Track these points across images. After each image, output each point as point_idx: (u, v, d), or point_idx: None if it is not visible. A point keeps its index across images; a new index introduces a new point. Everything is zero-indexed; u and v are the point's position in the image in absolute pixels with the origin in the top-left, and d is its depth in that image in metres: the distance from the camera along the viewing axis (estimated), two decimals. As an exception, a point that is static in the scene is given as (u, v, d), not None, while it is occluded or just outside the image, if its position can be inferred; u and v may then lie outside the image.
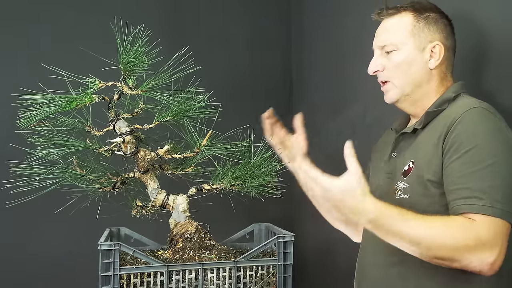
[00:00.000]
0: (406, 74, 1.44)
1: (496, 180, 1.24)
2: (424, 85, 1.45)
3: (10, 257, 2.25)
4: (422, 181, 1.34)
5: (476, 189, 1.23)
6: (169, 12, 2.56)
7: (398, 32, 1.45)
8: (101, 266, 1.46)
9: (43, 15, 2.35)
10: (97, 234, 1.61)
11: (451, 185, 1.28)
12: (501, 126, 1.31)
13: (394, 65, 1.45)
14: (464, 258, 1.19)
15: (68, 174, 1.59)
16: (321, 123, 2.54)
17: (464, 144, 1.27)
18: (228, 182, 1.65)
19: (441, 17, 1.47)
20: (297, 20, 2.77)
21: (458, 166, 1.27)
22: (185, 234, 1.60)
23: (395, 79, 1.46)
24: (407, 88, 1.45)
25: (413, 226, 1.22)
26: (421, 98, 1.46)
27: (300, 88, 2.74)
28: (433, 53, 1.44)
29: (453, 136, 1.29)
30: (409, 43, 1.44)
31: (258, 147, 1.71)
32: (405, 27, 1.45)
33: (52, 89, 1.51)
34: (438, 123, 1.38)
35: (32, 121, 1.52)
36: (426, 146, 1.37)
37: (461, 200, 1.24)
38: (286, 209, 2.60)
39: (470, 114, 1.30)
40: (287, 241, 1.59)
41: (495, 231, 1.20)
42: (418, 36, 1.44)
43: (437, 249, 1.20)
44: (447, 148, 1.30)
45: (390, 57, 1.46)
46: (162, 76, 1.56)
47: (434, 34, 1.44)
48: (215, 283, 1.51)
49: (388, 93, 1.49)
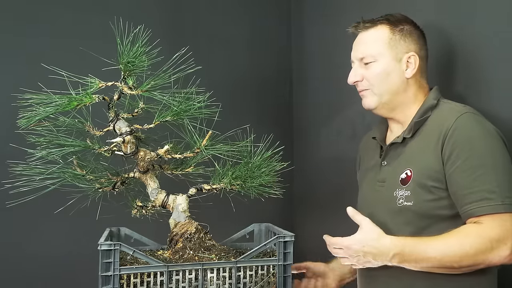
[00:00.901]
0: (384, 83, 1.55)
1: (501, 178, 1.34)
2: (401, 93, 1.55)
3: (10, 257, 2.25)
4: (427, 188, 1.43)
5: (486, 190, 1.33)
6: (169, 12, 2.56)
7: (376, 45, 1.55)
8: (101, 266, 1.45)
9: (43, 15, 2.35)
10: (97, 234, 1.61)
11: (459, 192, 1.38)
12: (487, 125, 1.42)
13: (373, 75, 1.55)
14: (486, 260, 1.32)
15: (68, 174, 1.58)
16: (321, 123, 2.54)
17: (463, 151, 1.38)
18: (228, 182, 1.65)
19: (415, 28, 1.58)
20: (297, 20, 2.77)
21: (461, 174, 1.37)
22: (185, 234, 1.59)
23: (374, 88, 1.56)
24: (385, 96, 1.55)
25: (434, 248, 1.34)
26: (399, 104, 1.56)
27: (300, 88, 2.74)
28: (409, 63, 1.55)
29: (450, 144, 1.39)
30: (387, 55, 1.54)
31: (258, 147, 1.71)
32: (382, 40, 1.55)
33: (52, 89, 1.51)
34: (428, 130, 1.48)
35: (32, 121, 1.51)
36: (423, 154, 1.46)
37: (472, 205, 1.35)
38: (286, 209, 2.61)
39: (462, 120, 1.41)
40: (287, 241, 1.58)
41: (505, 226, 1.31)
42: (395, 47, 1.54)
43: (461, 261, 1.32)
44: (447, 156, 1.40)
45: (369, 68, 1.56)
46: (162, 76, 1.55)
47: (409, 45, 1.55)
48: (215, 283, 1.51)
49: (367, 99, 1.59)
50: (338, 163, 2.34)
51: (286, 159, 1.76)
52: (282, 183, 1.71)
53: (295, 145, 2.70)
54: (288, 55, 2.80)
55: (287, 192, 1.78)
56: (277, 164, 1.70)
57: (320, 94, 2.58)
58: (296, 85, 2.77)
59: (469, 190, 1.36)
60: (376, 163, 1.62)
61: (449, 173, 1.39)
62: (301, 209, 2.66)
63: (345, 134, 2.33)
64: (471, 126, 1.41)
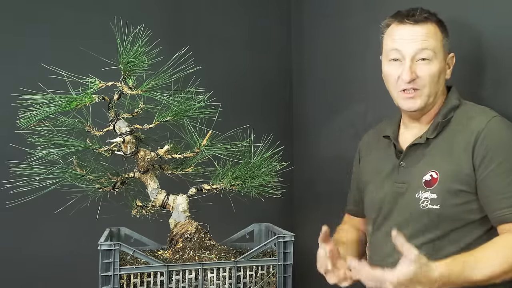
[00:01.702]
0: (436, 84, 1.47)
1: None
2: (441, 95, 1.50)
3: (10, 257, 2.25)
4: (454, 192, 1.39)
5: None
6: (169, 12, 2.56)
7: (435, 42, 1.46)
8: (101, 266, 1.46)
9: (43, 15, 2.35)
10: (97, 234, 1.61)
11: (492, 197, 1.34)
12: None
13: (430, 74, 1.45)
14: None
15: (68, 174, 1.59)
16: (321, 123, 2.54)
17: (496, 155, 1.34)
18: (228, 182, 1.65)
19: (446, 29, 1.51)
20: (297, 21, 2.77)
21: (495, 178, 1.34)
22: (185, 234, 1.60)
23: (426, 88, 1.46)
24: (431, 98, 1.48)
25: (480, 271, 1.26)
26: (431, 105, 1.50)
27: (300, 88, 2.74)
28: (449, 64, 1.50)
29: (483, 147, 1.36)
30: (441, 55, 1.47)
31: (258, 147, 1.71)
32: (438, 38, 1.47)
33: (52, 89, 1.51)
34: (452, 131, 1.44)
35: (32, 121, 1.52)
36: (450, 156, 1.41)
37: (504, 210, 1.32)
38: (286, 209, 2.60)
39: (494, 123, 1.38)
40: (287, 241, 1.59)
41: None
42: (445, 48, 1.48)
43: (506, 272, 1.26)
44: (479, 160, 1.36)
45: (426, 65, 1.45)
46: (162, 76, 1.56)
47: (450, 46, 1.49)
48: (215, 283, 1.51)
49: (416, 101, 1.48)
50: (338, 163, 2.34)
51: (286, 159, 1.77)
52: (282, 183, 1.71)
53: (295, 145, 2.70)
54: (288, 55, 2.80)
55: (287, 192, 1.78)
56: (277, 164, 1.70)
57: (320, 94, 2.58)
58: (296, 85, 2.77)
59: (503, 195, 1.33)
60: (391, 163, 1.54)
61: (482, 177, 1.36)
62: (301, 209, 2.66)
63: (345, 134, 2.33)
64: (504, 130, 1.38)
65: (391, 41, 1.49)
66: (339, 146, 2.37)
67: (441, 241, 1.40)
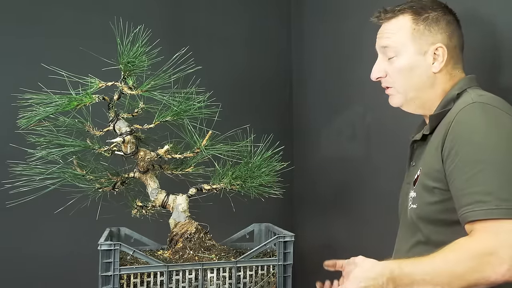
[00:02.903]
0: (408, 79, 1.39)
1: (501, 178, 1.14)
2: (428, 88, 1.38)
3: (10, 257, 2.25)
4: (429, 189, 1.29)
5: (480, 192, 1.15)
6: (169, 12, 2.56)
7: (397, 37, 1.39)
8: (101, 266, 1.46)
9: (43, 15, 2.35)
10: (97, 234, 1.61)
11: (457, 192, 1.20)
12: (501, 115, 1.21)
13: (396, 71, 1.40)
14: (481, 280, 1.11)
15: (68, 174, 1.59)
16: (321, 123, 2.55)
17: (461, 145, 1.20)
18: (228, 182, 1.65)
19: (443, 13, 1.39)
20: (297, 21, 2.77)
21: (459, 171, 1.19)
22: (185, 234, 1.60)
23: (397, 85, 1.40)
24: (410, 93, 1.40)
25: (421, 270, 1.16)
26: (428, 100, 1.40)
27: (300, 88, 2.74)
28: (436, 56, 1.36)
29: (450, 139, 1.22)
30: (409, 48, 1.37)
31: (258, 147, 1.71)
32: (404, 31, 1.38)
33: (52, 89, 1.51)
34: (441, 126, 1.31)
35: (32, 121, 1.52)
36: (429, 152, 1.32)
37: (466, 208, 1.16)
38: (286, 209, 2.60)
39: (464, 111, 1.23)
40: (287, 241, 1.58)
41: (501, 235, 1.11)
42: (418, 39, 1.37)
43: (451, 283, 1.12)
44: (446, 152, 1.23)
45: (392, 63, 1.41)
46: (162, 76, 1.56)
47: (435, 36, 1.37)
48: (215, 283, 1.51)
49: (393, 98, 1.44)
50: (338, 163, 2.34)
51: (286, 159, 1.77)
52: (282, 183, 1.71)
53: (295, 145, 2.70)
54: (288, 55, 2.80)
55: (287, 192, 1.78)
56: (277, 164, 1.70)
57: (320, 94, 2.58)
58: (296, 85, 2.77)
59: (462, 191, 1.17)
60: (407, 164, 1.48)
61: (448, 172, 1.22)
62: (301, 209, 2.66)
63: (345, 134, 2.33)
64: (474, 116, 1.21)
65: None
66: (339, 146, 2.37)
67: (426, 245, 1.30)
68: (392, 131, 1.96)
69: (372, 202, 2.09)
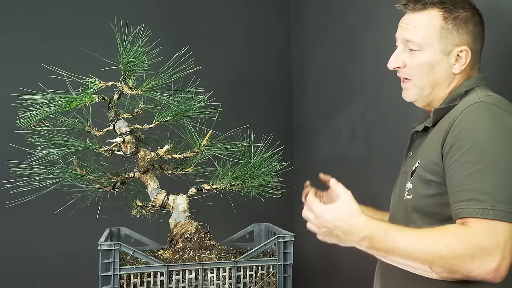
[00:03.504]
0: (427, 76, 1.37)
1: (500, 180, 1.15)
2: (445, 87, 1.37)
3: (10, 257, 2.25)
4: (426, 181, 1.29)
5: (477, 190, 1.16)
6: (169, 12, 2.56)
7: (424, 32, 1.36)
8: (101, 266, 1.46)
9: (43, 15, 2.35)
10: (97, 234, 1.61)
11: (453, 187, 1.21)
12: (507, 121, 1.22)
13: (416, 65, 1.37)
14: (462, 269, 1.13)
15: (68, 174, 1.59)
16: (321, 123, 2.55)
17: (465, 142, 1.20)
18: (228, 182, 1.65)
19: (472, 15, 1.37)
20: (297, 21, 2.77)
21: (459, 167, 1.20)
22: (185, 234, 1.60)
23: (415, 79, 1.38)
24: (426, 90, 1.38)
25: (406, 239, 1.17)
26: (442, 98, 1.39)
27: (300, 88, 2.75)
28: (459, 58, 1.35)
29: (453, 134, 1.23)
30: (435, 45, 1.35)
31: (258, 147, 1.71)
32: (432, 28, 1.35)
33: (52, 89, 1.51)
34: (444, 120, 1.31)
35: (32, 121, 1.52)
36: (430, 145, 1.31)
37: (461, 204, 1.17)
38: (286, 209, 2.60)
39: (471, 110, 1.23)
40: (287, 241, 1.58)
41: (495, 235, 1.12)
42: (445, 38, 1.35)
43: (433, 262, 1.14)
44: (448, 148, 1.23)
45: (413, 55, 1.38)
46: (162, 76, 1.55)
47: (462, 37, 1.35)
48: (215, 283, 1.51)
49: (408, 92, 1.42)
50: (338, 163, 2.34)
51: (286, 159, 1.77)
52: (282, 183, 1.71)
53: (295, 145, 2.70)
54: (289, 55, 2.80)
55: (287, 192, 1.78)
56: (277, 164, 1.70)
57: (320, 94, 2.58)
58: (296, 85, 2.77)
59: (459, 187, 1.17)
60: (405, 154, 1.47)
61: (447, 167, 1.22)
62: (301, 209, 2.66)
63: (345, 134, 2.33)
64: (479, 116, 1.21)
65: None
66: (339, 146, 2.37)
67: None
68: (392, 131, 1.96)
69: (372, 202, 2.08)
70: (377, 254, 1.22)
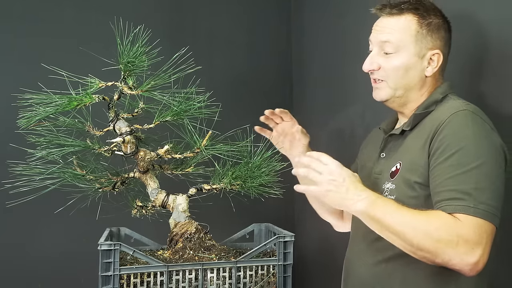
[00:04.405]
0: (402, 77, 1.44)
1: (482, 183, 1.23)
2: (417, 90, 1.45)
3: (10, 257, 2.25)
4: (410, 183, 1.35)
5: (461, 191, 1.23)
6: (169, 12, 2.56)
7: (401, 35, 1.42)
8: (101, 266, 1.46)
9: (43, 15, 2.35)
10: (97, 234, 1.61)
11: (437, 188, 1.28)
12: (487, 129, 1.31)
13: (392, 68, 1.44)
14: (445, 253, 1.20)
15: (68, 174, 1.59)
16: (321, 124, 2.55)
17: (450, 146, 1.27)
18: (228, 182, 1.65)
19: (443, 22, 1.45)
20: (298, 20, 2.77)
21: (444, 169, 1.27)
22: (185, 234, 1.60)
23: (390, 81, 1.45)
24: (399, 91, 1.45)
25: (403, 213, 1.25)
26: (412, 100, 1.47)
27: (300, 88, 2.74)
28: (432, 61, 1.43)
29: (439, 138, 1.30)
30: (410, 48, 1.42)
31: (258, 147, 1.71)
32: (408, 31, 1.42)
33: (52, 89, 1.51)
34: (425, 125, 1.39)
35: (32, 121, 1.52)
36: (414, 148, 1.38)
37: (445, 202, 1.24)
38: (286, 209, 2.60)
39: (457, 116, 1.31)
40: (287, 241, 1.59)
41: (478, 231, 1.20)
42: (420, 42, 1.42)
43: (421, 240, 1.21)
44: (433, 150, 1.30)
45: (389, 58, 1.44)
46: (162, 76, 1.55)
47: (435, 42, 1.43)
48: (215, 283, 1.51)
49: (380, 92, 1.48)
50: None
51: (286, 159, 1.77)
52: (282, 183, 1.71)
53: (295, 145, 2.70)
54: (288, 55, 2.80)
55: (287, 192, 1.78)
56: (277, 164, 1.70)
57: (320, 94, 2.58)
58: (296, 85, 2.77)
59: (443, 187, 1.25)
60: (376, 154, 1.55)
61: (431, 169, 1.30)
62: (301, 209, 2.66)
63: (345, 133, 2.33)
64: (464, 123, 1.30)
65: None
66: (339, 146, 2.37)
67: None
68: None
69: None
70: (369, 219, 1.29)
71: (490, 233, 1.21)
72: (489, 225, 1.21)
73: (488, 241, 1.20)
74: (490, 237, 1.21)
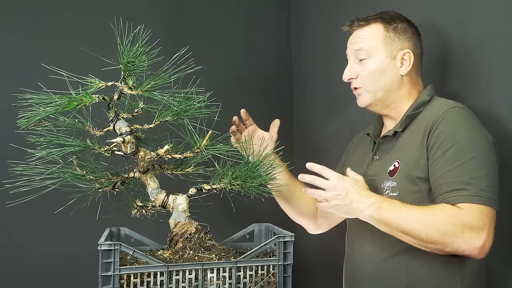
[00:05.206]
0: (378, 80, 1.56)
1: (479, 172, 1.34)
2: (395, 90, 1.57)
3: (10, 257, 2.25)
4: (412, 179, 1.44)
5: (461, 181, 1.34)
6: (169, 12, 2.56)
7: (371, 40, 1.56)
8: (101, 266, 1.46)
9: (43, 15, 2.35)
10: (97, 234, 1.61)
11: (438, 181, 1.38)
12: (477, 123, 1.42)
13: (368, 72, 1.56)
14: (453, 243, 1.30)
15: (68, 174, 1.58)
16: (321, 123, 2.55)
17: (447, 141, 1.38)
18: (228, 182, 1.65)
19: (409, 26, 1.59)
20: (297, 20, 2.77)
21: (442, 162, 1.38)
22: (185, 234, 1.59)
23: (368, 85, 1.57)
24: (379, 93, 1.57)
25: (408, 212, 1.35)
26: (393, 101, 1.58)
27: (300, 88, 2.74)
28: (404, 60, 1.56)
29: (436, 134, 1.40)
30: (381, 51, 1.55)
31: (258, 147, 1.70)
32: (377, 36, 1.56)
33: (52, 89, 1.51)
34: (418, 124, 1.50)
35: (32, 121, 1.51)
36: (412, 146, 1.47)
37: (448, 194, 1.35)
38: (286, 209, 2.60)
39: (450, 113, 1.42)
40: (287, 241, 1.58)
41: (482, 216, 1.31)
42: (389, 44, 1.55)
43: (429, 234, 1.31)
44: (431, 146, 1.41)
45: (364, 65, 1.57)
46: (162, 76, 1.55)
47: (404, 43, 1.56)
48: (215, 283, 1.51)
49: (361, 98, 1.60)
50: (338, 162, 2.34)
51: (286, 159, 1.77)
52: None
53: (295, 145, 2.70)
54: (288, 55, 2.80)
55: (287, 192, 1.78)
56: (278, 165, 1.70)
57: (320, 94, 2.58)
58: (296, 85, 2.77)
59: (445, 180, 1.36)
60: (369, 158, 1.63)
61: (430, 163, 1.40)
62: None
63: (345, 133, 2.33)
64: (459, 119, 1.42)
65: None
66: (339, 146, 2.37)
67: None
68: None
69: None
70: (378, 222, 1.39)
71: (492, 217, 1.32)
72: (490, 210, 1.32)
73: (491, 225, 1.32)
74: (492, 221, 1.32)
